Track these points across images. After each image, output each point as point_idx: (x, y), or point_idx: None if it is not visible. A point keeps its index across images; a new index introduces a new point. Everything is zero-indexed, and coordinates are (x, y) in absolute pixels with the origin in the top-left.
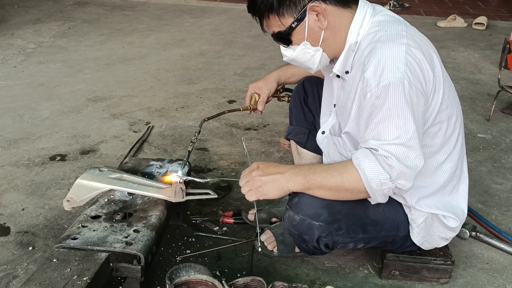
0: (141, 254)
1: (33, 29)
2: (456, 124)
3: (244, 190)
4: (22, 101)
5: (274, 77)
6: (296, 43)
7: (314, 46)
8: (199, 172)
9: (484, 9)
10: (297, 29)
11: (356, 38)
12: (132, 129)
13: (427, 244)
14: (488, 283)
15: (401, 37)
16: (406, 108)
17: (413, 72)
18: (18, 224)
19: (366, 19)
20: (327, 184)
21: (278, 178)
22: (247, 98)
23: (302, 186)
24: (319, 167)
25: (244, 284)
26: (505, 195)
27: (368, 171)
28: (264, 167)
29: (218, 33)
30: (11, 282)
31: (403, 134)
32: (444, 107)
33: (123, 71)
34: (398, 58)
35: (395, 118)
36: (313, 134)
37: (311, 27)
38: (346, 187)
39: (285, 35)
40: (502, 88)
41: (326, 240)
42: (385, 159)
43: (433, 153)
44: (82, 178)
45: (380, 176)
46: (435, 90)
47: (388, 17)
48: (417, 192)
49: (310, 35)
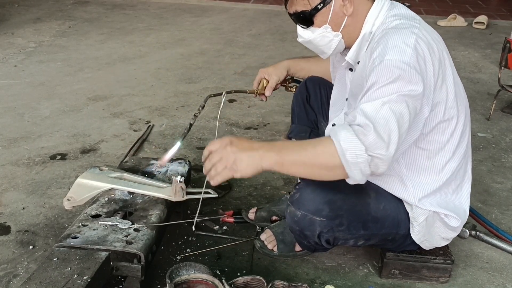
0: (141, 253)
1: (34, 28)
2: (464, 123)
3: (218, 167)
4: (23, 100)
5: (285, 65)
6: (318, 25)
7: (335, 31)
8: (200, 171)
9: (484, 8)
10: (322, 11)
11: (371, 28)
12: (132, 128)
13: (427, 243)
14: (488, 282)
15: (413, 28)
16: (404, 83)
17: (418, 60)
18: (19, 223)
19: (383, 11)
20: (300, 159)
21: (252, 154)
22: (255, 82)
23: (275, 162)
24: (293, 142)
25: (244, 283)
26: (505, 194)
27: (343, 141)
28: (238, 142)
29: (218, 32)
30: (11, 281)
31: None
32: (452, 104)
33: (123, 70)
34: (408, 43)
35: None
36: (315, 133)
37: (336, 11)
38: (320, 161)
39: (308, 15)
40: (502, 87)
41: (327, 235)
42: (361, 129)
43: (440, 150)
44: (82, 177)
45: (356, 147)
46: (439, 84)
47: (404, 11)
48: (421, 189)
49: (333, 19)
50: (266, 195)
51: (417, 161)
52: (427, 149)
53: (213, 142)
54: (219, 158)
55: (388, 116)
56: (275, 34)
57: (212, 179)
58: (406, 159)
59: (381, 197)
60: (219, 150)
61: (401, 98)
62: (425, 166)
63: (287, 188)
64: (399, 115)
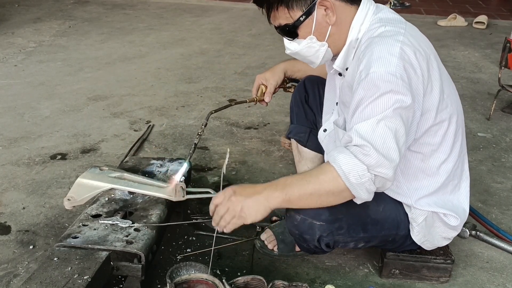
0: (141, 253)
1: (34, 28)
2: (457, 123)
3: (227, 218)
4: (23, 100)
5: (282, 68)
6: (302, 36)
7: (320, 41)
8: (200, 171)
9: (484, 8)
10: (305, 22)
11: (357, 34)
12: (132, 128)
13: (428, 244)
14: (488, 282)
15: (398, 35)
16: (393, 95)
17: (405, 68)
18: (19, 223)
19: (368, 16)
20: (306, 192)
21: (258, 198)
22: (254, 89)
23: (282, 200)
24: (295, 176)
25: (244, 283)
26: (505, 194)
27: (344, 165)
28: (241, 190)
29: (218, 32)
30: (12, 280)
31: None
32: (443, 106)
33: (123, 70)
34: (393, 53)
35: (382, 101)
36: (314, 133)
37: (319, 21)
38: (325, 188)
39: (292, 28)
40: (502, 87)
41: (327, 239)
42: (360, 150)
43: (433, 151)
44: (82, 177)
45: (357, 168)
46: (429, 89)
47: (390, 15)
48: (417, 192)
49: (317, 29)
50: None
51: (412, 164)
52: (421, 152)
53: (217, 196)
54: (225, 209)
55: (385, 134)
56: (275, 34)
57: (224, 229)
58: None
59: (380, 199)
60: (224, 203)
61: (393, 112)
62: (420, 169)
63: None
64: (395, 131)
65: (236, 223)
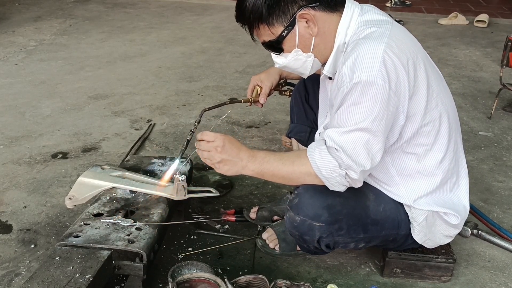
0: (143, 252)
1: (34, 26)
2: (449, 121)
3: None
4: (24, 98)
5: (277, 70)
6: (288, 50)
7: (306, 53)
8: (201, 170)
9: (485, 7)
10: (288, 37)
11: (344, 38)
12: (133, 127)
13: (430, 242)
14: (489, 281)
15: (383, 37)
16: (373, 104)
17: (388, 71)
18: (20, 222)
19: (353, 19)
20: (279, 173)
21: (236, 162)
22: (249, 90)
23: (255, 173)
24: (274, 156)
25: (246, 282)
26: (506, 193)
27: (318, 160)
28: (229, 147)
29: (219, 31)
30: (13, 279)
31: (362, 122)
32: (432, 105)
33: (124, 68)
34: (375, 56)
35: (361, 109)
36: (314, 132)
37: (302, 34)
38: (297, 175)
39: (276, 43)
40: (504, 86)
41: (327, 240)
42: (334, 151)
43: (428, 151)
44: (84, 176)
45: (330, 164)
46: (415, 91)
47: (375, 16)
48: (415, 192)
49: (301, 42)
50: (267, 193)
51: (408, 166)
52: (415, 153)
53: (209, 135)
54: (206, 154)
55: (356, 141)
56: None
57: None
58: (396, 165)
59: (380, 199)
60: (210, 146)
61: (370, 120)
62: (416, 169)
63: (288, 187)
64: (367, 139)
65: (208, 163)
